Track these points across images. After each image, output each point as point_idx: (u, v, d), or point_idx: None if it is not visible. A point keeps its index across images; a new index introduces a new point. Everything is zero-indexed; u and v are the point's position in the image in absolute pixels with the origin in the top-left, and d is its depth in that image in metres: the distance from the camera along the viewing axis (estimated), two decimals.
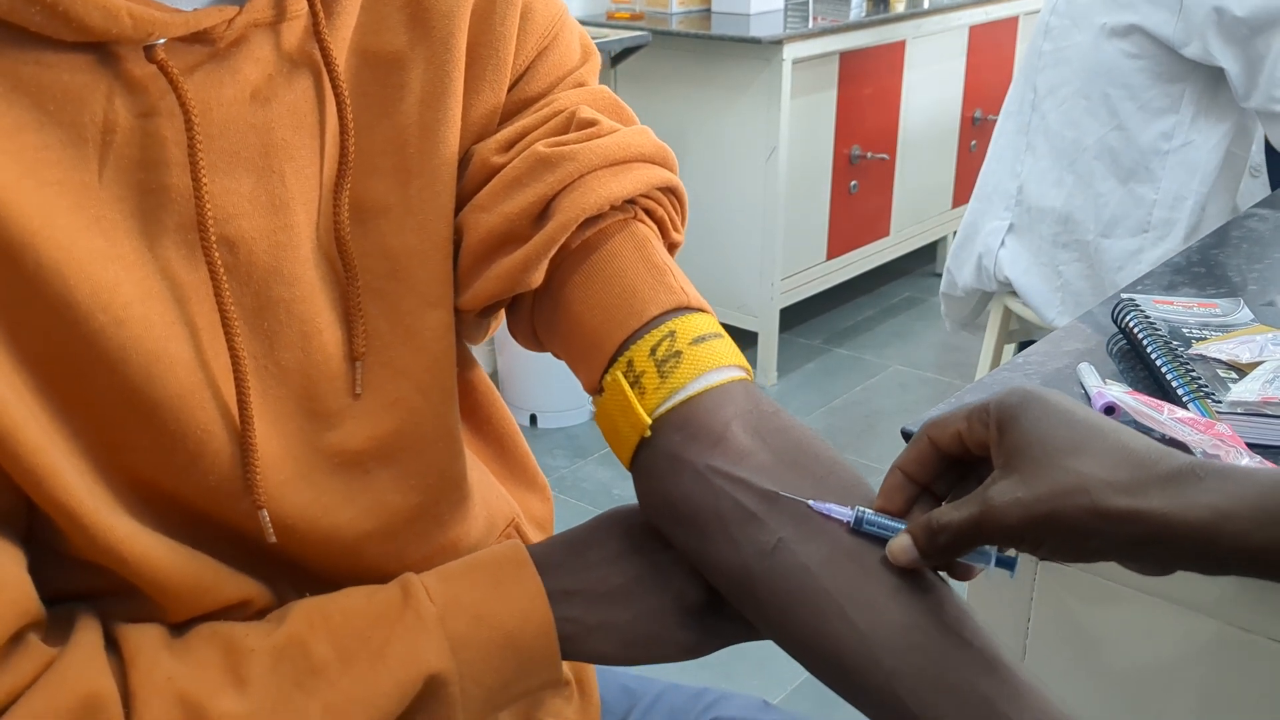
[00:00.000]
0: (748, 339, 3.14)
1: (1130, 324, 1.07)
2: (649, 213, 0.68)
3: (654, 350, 0.61)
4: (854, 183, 3.31)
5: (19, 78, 0.51)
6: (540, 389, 2.85)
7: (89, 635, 0.56)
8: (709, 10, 3.20)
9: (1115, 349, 1.08)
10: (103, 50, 0.53)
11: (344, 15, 0.61)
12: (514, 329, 0.72)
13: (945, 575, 0.58)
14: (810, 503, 0.57)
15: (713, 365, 0.61)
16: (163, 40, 0.53)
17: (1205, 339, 1.02)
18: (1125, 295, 1.14)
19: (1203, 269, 1.31)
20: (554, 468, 2.69)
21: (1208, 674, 0.91)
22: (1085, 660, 0.97)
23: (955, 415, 0.56)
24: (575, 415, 2.87)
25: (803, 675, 1.81)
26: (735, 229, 3.09)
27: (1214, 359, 0.98)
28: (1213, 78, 1.70)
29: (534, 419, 2.88)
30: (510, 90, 0.69)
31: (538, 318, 0.69)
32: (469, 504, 0.71)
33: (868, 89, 3.25)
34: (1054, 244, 1.87)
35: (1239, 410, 0.90)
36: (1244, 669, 0.88)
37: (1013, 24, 3.75)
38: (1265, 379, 0.92)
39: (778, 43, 2.83)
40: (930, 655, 0.53)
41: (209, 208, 0.56)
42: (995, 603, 1.00)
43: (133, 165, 0.54)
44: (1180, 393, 0.94)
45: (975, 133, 3.73)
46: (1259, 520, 0.48)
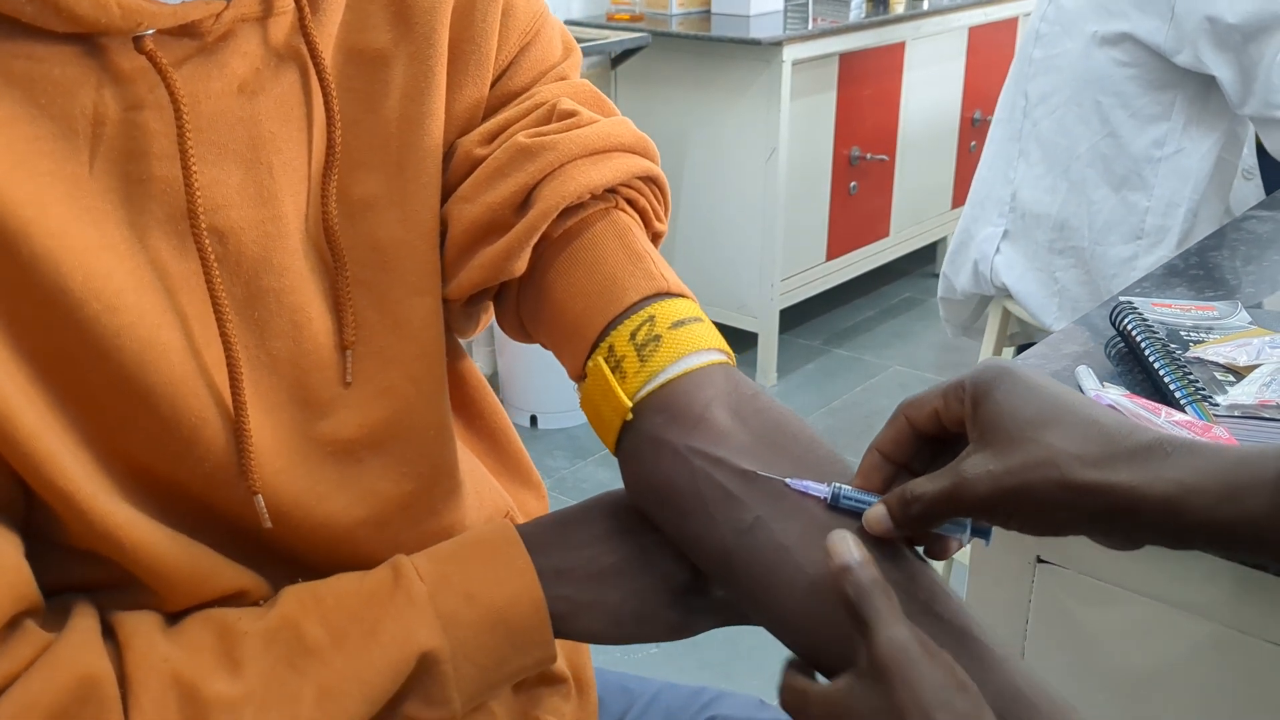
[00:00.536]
0: (748, 340, 3.14)
1: (1128, 327, 1.07)
2: (631, 202, 0.69)
3: (634, 335, 0.62)
4: (854, 184, 3.31)
5: (10, 71, 0.52)
6: (540, 390, 2.85)
7: (85, 620, 0.57)
8: (709, 12, 3.20)
9: (1113, 351, 1.09)
10: (92, 43, 0.54)
11: (329, 12, 0.63)
12: (501, 319, 0.73)
13: (923, 554, 0.59)
14: (788, 480, 0.58)
15: (692, 349, 0.62)
16: (151, 31, 0.55)
17: (1202, 342, 1.02)
18: (1123, 298, 1.14)
19: (1200, 271, 1.31)
20: (554, 468, 2.69)
21: (1205, 676, 0.91)
22: (1083, 662, 0.98)
23: (932, 393, 0.57)
24: (575, 416, 2.88)
25: None
26: (735, 230, 3.09)
27: (1211, 362, 0.98)
28: (1204, 85, 1.69)
29: (534, 420, 2.88)
30: (493, 85, 0.70)
31: (523, 307, 0.70)
32: (461, 493, 0.72)
33: (867, 90, 3.25)
34: (1049, 250, 1.87)
35: (1236, 413, 0.90)
36: (1241, 671, 0.89)
37: (1012, 25, 3.75)
38: (1262, 382, 0.93)
39: (777, 44, 2.83)
40: None
41: (199, 198, 0.57)
42: (993, 604, 1.01)
43: (122, 157, 0.56)
44: (1178, 396, 0.94)
45: (974, 133, 3.74)
46: (1223, 495, 0.49)
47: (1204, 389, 0.93)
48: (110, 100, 0.55)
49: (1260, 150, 1.92)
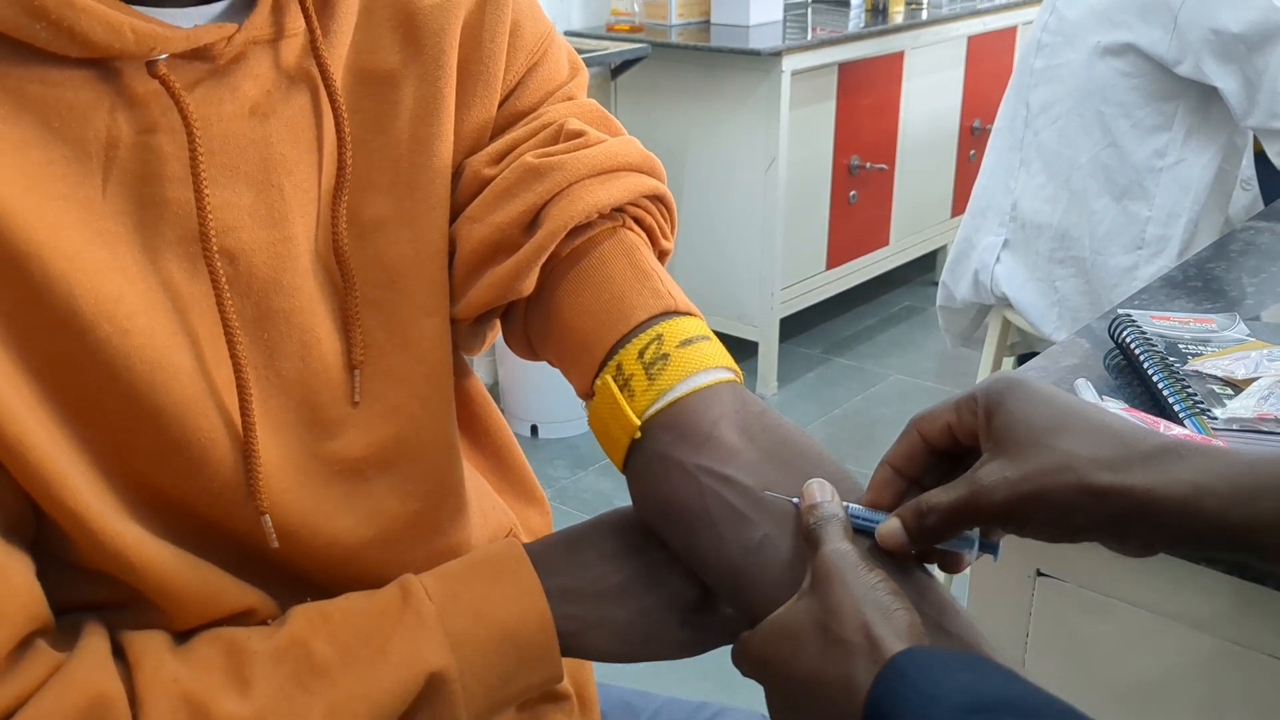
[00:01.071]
0: (748, 349, 3.14)
1: (1127, 340, 1.07)
2: (638, 221, 0.69)
3: (642, 353, 0.62)
4: (853, 193, 3.31)
5: (25, 95, 0.53)
6: (541, 400, 2.86)
7: (96, 640, 0.57)
8: (708, 22, 3.21)
9: (1112, 364, 1.09)
10: (105, 67, 0.55)
11: (340, 34, 0.63)
12: (509, 338, 0.73)
13: (936, 570, 0.59)
14: (795, 500, 0.58)
15: (700, 367, 0.62)
16: (164, 56, 0.55)
17: (1201, 355, 1.02)
18: (1122, 310, 1.14)
19: (1199, 283, 1.32)
20: (555, 478, 2.70)
21: (1205, 688, 0.92)
22: (1083, 674, 0.98)
23: (944, 407, 0.58)
24: (576, 426, 2.88)
25: None
26: (735, 239, 3.10)
27: (1209, 375, 0.98)
28: (1205, 96, 1.70)
29: (535, 429, 2.88)
30: (501, 105, 0.70)
31: (531, 325, 0.70)
32: (467, 512, 0.72)
33: (866, 99, 3.26)
34: (1050, 260, 1.87)
35: (1235, 426, 0.90)
36: (1240, 684, 0.89)
37: (1010, 34, 3.76)
38: (1260, 395, 0.93)
39: (777, 54, 2.84)
40: None
41: (210, 220, 0.57)
42: (994, 616, 1.01)
43: (134, 180, 0.56)
44: (1177, 409, 0.95)
45: (974, 142, 3.74)
46: (1237, 497, 0.50)
47: (1202, 402, 0.94)
48: (123, 124, 0.55)
49: (1258, 161, 1.92)
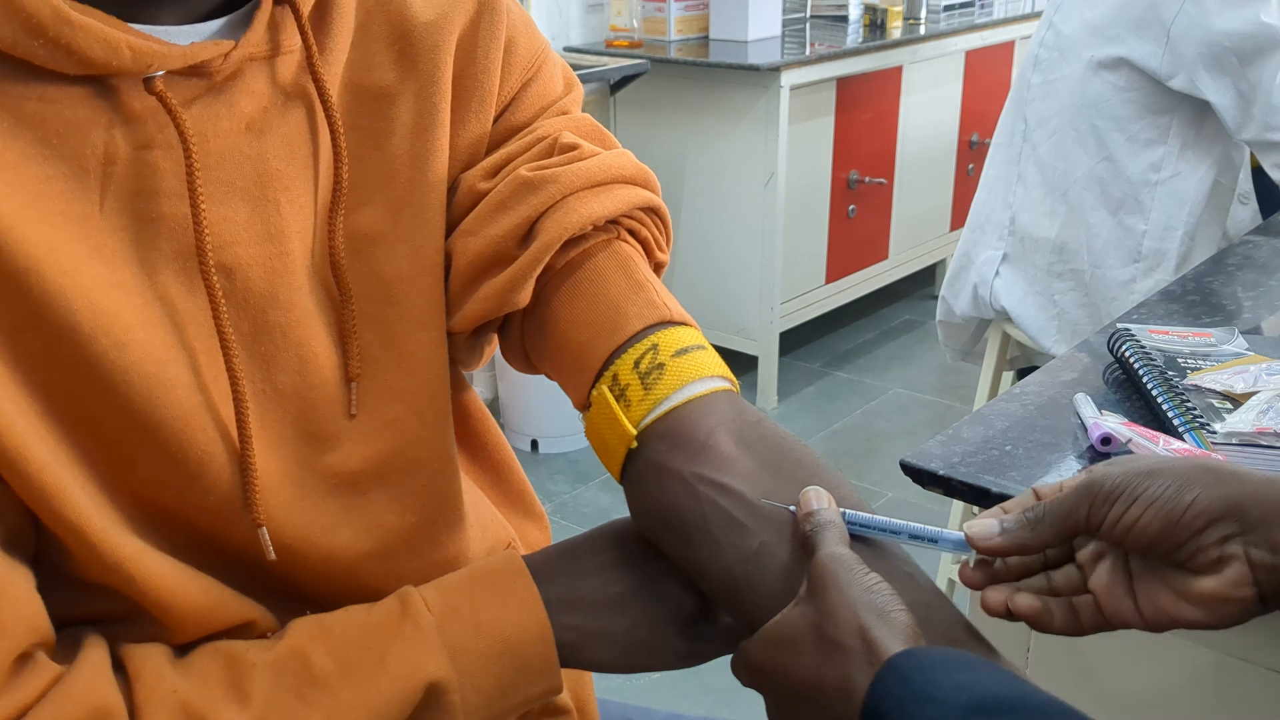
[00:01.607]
0: (748, 363, 3.15)
1: (1126, 354, 1.07)
2: (633, 233, 0.70)
3: (638, 363, 0.62)
4: (852, 207, 3.32)
5: (23, 113, 0.53)
6: (541, 414, 2.86)
7: (96, 653, 0.58)
8: (707, 38, 3.22)
9: (1111, 379, 1.09)
10: (103, 84, 0.55)
11: (335, 51, 0.64)
12: (506, 351, 0.74)
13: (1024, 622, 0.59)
14: (791, 508, 0.58)
15: (695, 376, 0.62)
16: (161, 72, 0.56)
17: (1200, 369, 1.03)
18: (1121, 325, 1.15)
19: (1197, 297, 1.32)
20: (555, 493, 2.69)
21: (1206, 703, 0.92)
22: (1085, 687, 0.98)
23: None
24: (576, 441, 2.88)
25: None
26: (735, 254, 3.10)
27: (1208, 389, 0.98)
28: (1200, 110, 1.71)
29: (535, 444, 2.88)
30: (496, 120, 0.71)
31: (527, 338, 0.71)
32: (465, 525, 0.72)
33: (865, 114, 3.27)
34: (1049, 273, 1.88)
35: (1234, 441, 0.90)
36: (1242, 698, 0.89)
37: (1008, 49, 3.77)
38: (1259, 409, 0.93)
39: (775, 69, 2.85)
40: None
41: (207, 236, 0.57)
42: (995, 628, 1.01)
43: (132, 195, 0.56)
44: (1176, 424, 0.95)
45: (972, 156, 3.75)
46: None
47: (1201, 416, 0.94)
48: (121, 140, 0.56)
49: (1256, 175, 1.93)
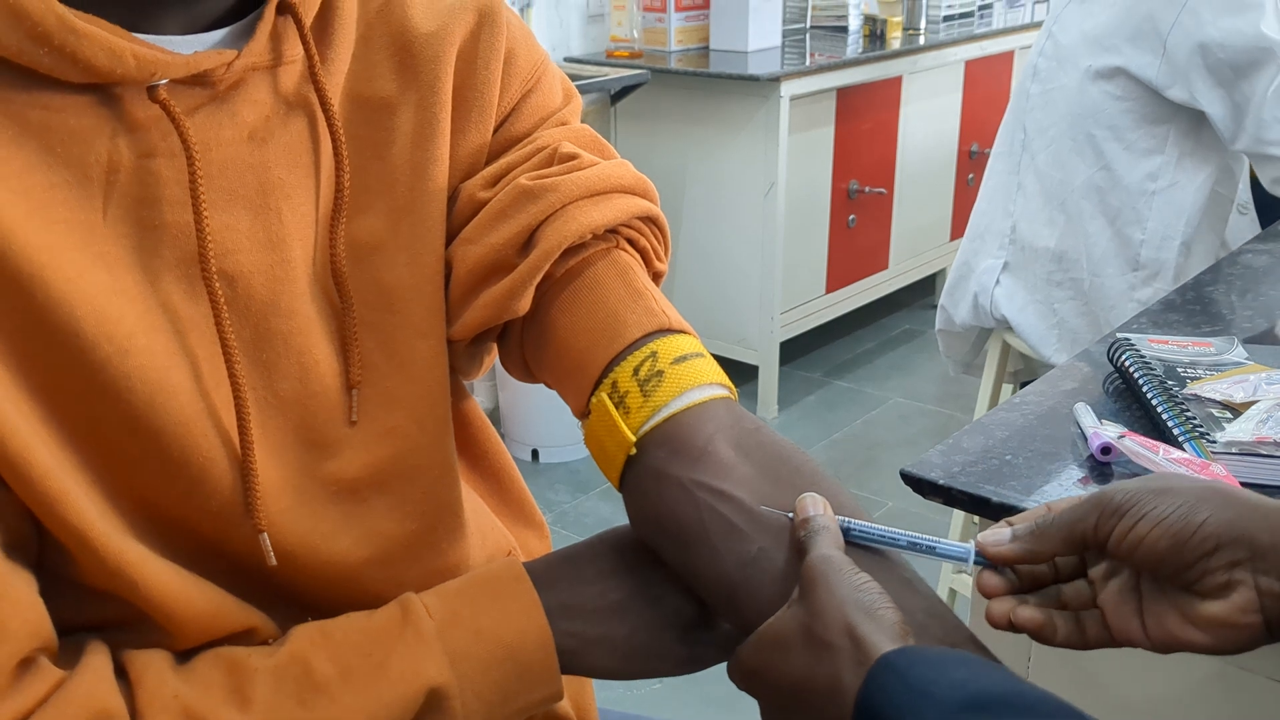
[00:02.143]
0: (748, 372, 3.15)
1: (1126, 364, 1.08)
2: (632, 242, 0.70)
3: (637, 370, 0.63)
4: (852, 217, 3.33)
5: (28, 121, 0.54)
6: (541, 424, 2.86)
7: (98, 658, 0.58)
8: (707, 48, 3.23)
9: (1111, 388, 1.09)
10: (107, 93, 0.56)
11: (337, 61, 0.65)
12: (505, 360, 0.74)
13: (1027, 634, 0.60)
14: (790, 515, 0.59)
15: (694, 383, 0.62)
16: (165, 81, 0.56)
17: (1200, 378, 1.03)
18: (1120, 334, 1.15)
19: (1197, 306, 1.32)
20: (556, 502, 2.69)
21: (1208, 712, 0.92)
22: (1085, 697, 0.97)
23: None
24: (577, 450, 2.88)
25: None
26: (735, 264, 3.11)
27: (1208, 398, 0.99)
28: (1197, 120, 1.71)
29: (535, 454, 2.88)
30: (496, 130, 0.72)
31: (526, 346, 0.71)
32: (465, 533, 0.72)
33: (865, 124, 3.27)
34: (1049, 282, 1.88)
35: (1234, 450, 0.91)
36: (1243, 708, 0.89)
37: (1008, 59, 3.78)
38: (1259, 418, 0.93)
39: (775, 80, 2.86)
40: None
41: (209, 243, 0.58)
42: (996, 637, 1.01)
43: (135, 203, 0.57)
44: (1176, 433, 0.95)
45: (972, 166, 3.76)
46: None
47: (1201, 426, 0.94)
48: (124, 148, 0.56)
49: (1255, 184, 1.93)
